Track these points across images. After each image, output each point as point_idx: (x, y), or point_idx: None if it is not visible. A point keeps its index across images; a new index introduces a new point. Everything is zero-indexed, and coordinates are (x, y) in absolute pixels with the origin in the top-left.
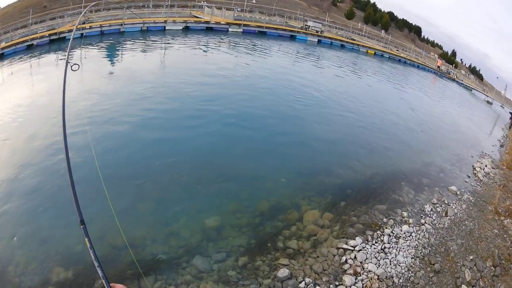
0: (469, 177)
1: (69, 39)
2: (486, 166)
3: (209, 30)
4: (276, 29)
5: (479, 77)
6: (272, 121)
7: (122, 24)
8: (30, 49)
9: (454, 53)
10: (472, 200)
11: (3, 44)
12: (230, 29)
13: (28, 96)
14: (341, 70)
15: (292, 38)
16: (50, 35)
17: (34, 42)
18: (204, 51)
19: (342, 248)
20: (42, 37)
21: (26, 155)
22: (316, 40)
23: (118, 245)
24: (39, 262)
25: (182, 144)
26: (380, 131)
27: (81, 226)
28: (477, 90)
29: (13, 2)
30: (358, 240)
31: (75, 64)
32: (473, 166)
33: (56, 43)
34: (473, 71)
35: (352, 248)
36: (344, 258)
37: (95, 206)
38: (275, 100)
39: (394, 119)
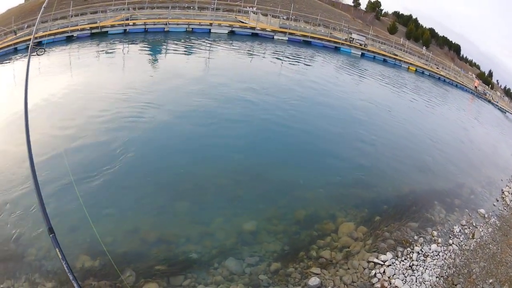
0: (497, 200)
1: (112, 33)
2: None
3: (255, 36)
4: (320, 39)
5: None
6: (316, 132)
7: (166, 24)
8: (70, 40)
9: (490, 74)
10: (498, 224)
11: (41, 33)
12: (275, 37)
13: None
14: (384, 86)
15: (336, 49)
16: (91, 28)
17: (75, 34)
18: (250, 56)
19: (372, 261)
20: (83, 29)
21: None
22: (360, 53)
23: (149, 240)
24: (64, 248)
25: (225, 148)
26: (419, 150)
27: (50, 235)
28: (510, 113)
29: None
30: (389, 255)
31: (40, 48)
32: (502, 190)
33: (98, 36)
34: (508, 93)
35: (382, 263)
36: (373, 272)
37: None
38: (321, 111)
39: (432, 138)
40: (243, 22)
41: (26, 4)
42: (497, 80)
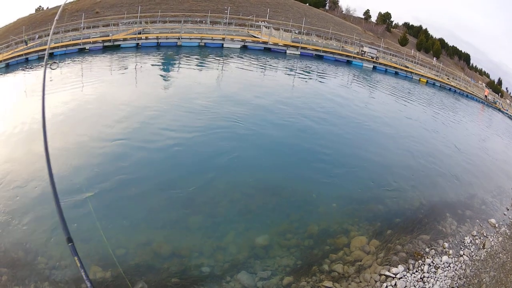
0: (508, 209)
1: (124, 47)
2: None
3: (267, 50)
4: (332, 53)
5: None
6: (328, 146)
7: (179, 38)
8: (82, 52)
9: (500, 82)
10: (508, 233)
11: (53, 44)
12: (288, 51)
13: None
14: (397, 98)
15: (348, 63)
16: (103, 41)
17: (87, 47)
18: (263, 70)
19: (384, 275)
20: (95, 42)
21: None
22: (372, 66)
23: (162, 253)
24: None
25: (237, 161)
26: (430, 162)
27: (69, 244)
28: None
29: (64, 3)
30: (400, 268)
31: (53, 62)
32: None
33: (110, 49)
34: None
35: (394, 276)
36: (385, 285)
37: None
38: (332, 125)
39: (442, 150)
40: (255, 37)
41: (36, 14)
42: (506, 88)
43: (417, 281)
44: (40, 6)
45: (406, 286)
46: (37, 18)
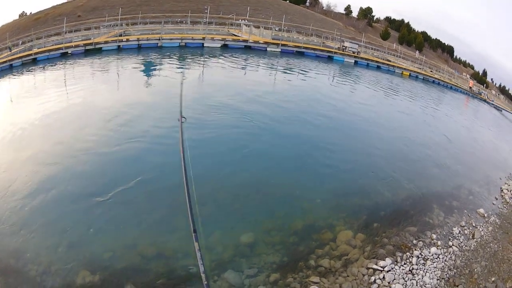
0: (496, 199)
1: (106, 49)
2: None
3: (248, 48)
4: (313, 49)
5: (509, 96)
6: (310, 142)
7: (160, 39)
8: (64, 57)
9: (485, 73)
10: (498, 222)
11: (36, 50)
12: (268, 49)
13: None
14: (378, 92)
15: (330, 58)
16: (85, 45)
17: (69, 51)
18: (245, 70)
19: (372, 268)
20: (77, 46)
21: None
22: (353, 61)
23: (148, 255)
24: (65, 264)
25: (220, 160)
26: (415, 154)
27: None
28: (506, 110)
29: (46, 8)
30: (388, 261)
31: (183, 117)
32: (501, 188)
33: (92, 53)
34: (503, 91)
35: (381, 269)
36: (373, 278)
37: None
38: (315, 121)
39: (427, 142)
40: (235, 35)
41: (20, 20)
42: (491, 79)
43: (406, 273)
44: (23, 11)
45: (394, 279)
46: (21, 24)
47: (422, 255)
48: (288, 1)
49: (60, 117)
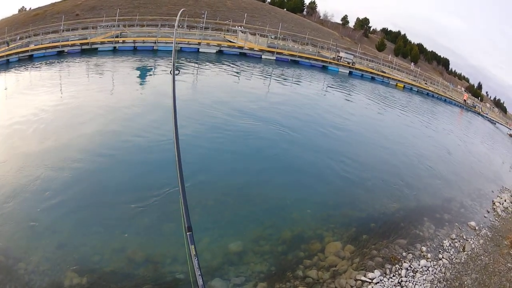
0: (488, 212)
1: (102, 50)
2: (505, 200)
3: (243, 55)
4: (308, 58)
5: (503, 109)
6: (301, 152)
7: (155, 42)
8: (60, 55)
9: (480, 86)
10: (490, 235)
11: (33, 46)
12: (263, 56)
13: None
14: (371, 104)
15: (324, 68)
16: (81, 44)
17: (65, 49)
18: (238, 77)
19: (360, 280)
20: (73, 45)
21: None
22: (348, 71)
23: (136, 260)
24: (53, 264)
25: (209, 169)
26: (407, 166)
27: (188, 233)
28: (500, 124)
29: (45, 5)
30: (377, 273)
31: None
32: (493, 201)
33: (88, 52)
34: (498, 104)
35: (370, 281)
36: None
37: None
38: (306, 131)
39: (419, 154)
40: (231, 42)
41: (19, 15)
42: (486, 92)
43: (394, 285)
44: (23, 6)
45: None
46: (20, 19)
47: (411, 267)
48: (285, 9)
49: (49, 117)
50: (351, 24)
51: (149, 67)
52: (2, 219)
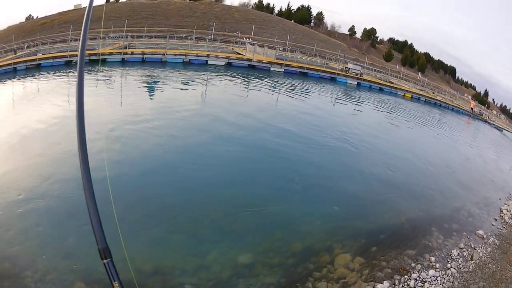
0: (496, 220)
1: (110, 61)
2: None
3: (251, 67)
4: (317, 70)
5: (510, 116)
6: (310, 165)
7: (164, 54)
8: (68, 65)
9: (486, 93)
10: (497, 243)
11: (41, 55)
12: (272, 68)
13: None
14: (380, 114)
15: (333, 80)
16: (90, 55)
17: (73, 60)
18: (246, 88)
19: None
20: None
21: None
22: (356, 82)
23: (144, 271)
24: (60, 274)
25: (220, 181)
26: (415, 176)
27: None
28: (507, 130)
29: (52, 14)
30: (386, 284)
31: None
32: (500, 209)
33: (96, 63)
34: (504, 110)
35: None
36: None
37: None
38: (315, 143)
39: (427, 164)
40: (240, 54)
41: (26, 23)
42: (493, 99)
43: None
44: (30, 15)
45: None
46: (27, 27)
47: (420, 277)
48: (292, 21)
49: (54, 127)
50: (358, 34)
51: (156, 80)
52: (10, 226)
